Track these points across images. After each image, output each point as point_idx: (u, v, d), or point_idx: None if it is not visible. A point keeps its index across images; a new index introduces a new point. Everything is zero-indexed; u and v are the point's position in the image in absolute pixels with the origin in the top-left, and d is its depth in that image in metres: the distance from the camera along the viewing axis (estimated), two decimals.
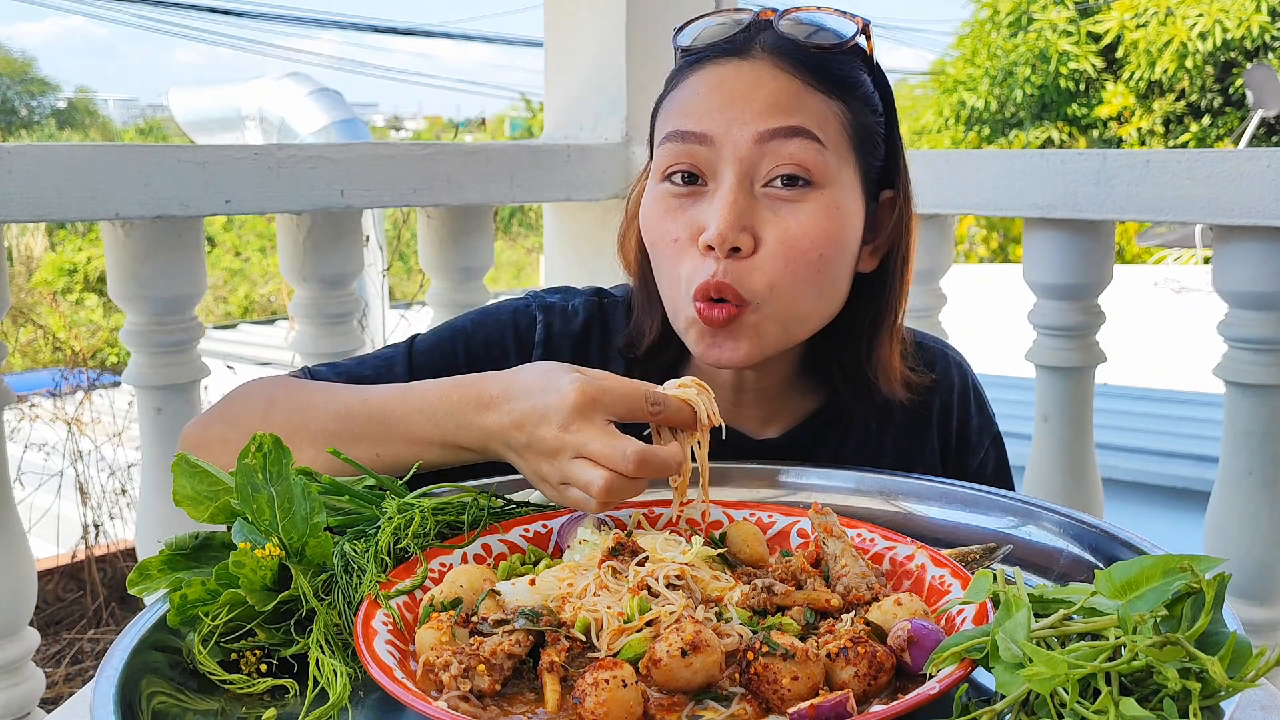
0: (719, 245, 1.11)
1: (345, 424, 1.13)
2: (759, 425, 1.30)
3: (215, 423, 1.21)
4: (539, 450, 1.00)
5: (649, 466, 0.95)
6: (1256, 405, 1.93)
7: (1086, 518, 1.04)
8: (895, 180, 1.23)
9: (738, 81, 1.14)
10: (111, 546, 4.11)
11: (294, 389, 1.21)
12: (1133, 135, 17.31)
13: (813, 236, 1.13)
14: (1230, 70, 16.74)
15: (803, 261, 1.13)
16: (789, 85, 1.14)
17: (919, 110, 19.93)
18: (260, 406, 1.19)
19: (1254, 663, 0.67)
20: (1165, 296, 8.80)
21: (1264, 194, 1.78)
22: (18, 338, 7.32)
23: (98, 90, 72.03)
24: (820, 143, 1.13)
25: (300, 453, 1.10)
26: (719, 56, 1.17)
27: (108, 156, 1.71)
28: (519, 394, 1.03)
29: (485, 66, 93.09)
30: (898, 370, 1.27)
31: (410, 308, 5.08)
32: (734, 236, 1.11)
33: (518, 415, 1.02)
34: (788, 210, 1.13)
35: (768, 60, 1.15)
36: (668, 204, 1.17)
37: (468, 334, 1.31)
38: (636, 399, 0.98)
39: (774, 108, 1.12)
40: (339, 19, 76.35)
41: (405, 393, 1.14)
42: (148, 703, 0.78)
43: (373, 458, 1.11)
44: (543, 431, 0.99)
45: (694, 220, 1.14)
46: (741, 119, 1.12)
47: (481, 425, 1.05)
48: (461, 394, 1.08)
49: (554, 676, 0.76)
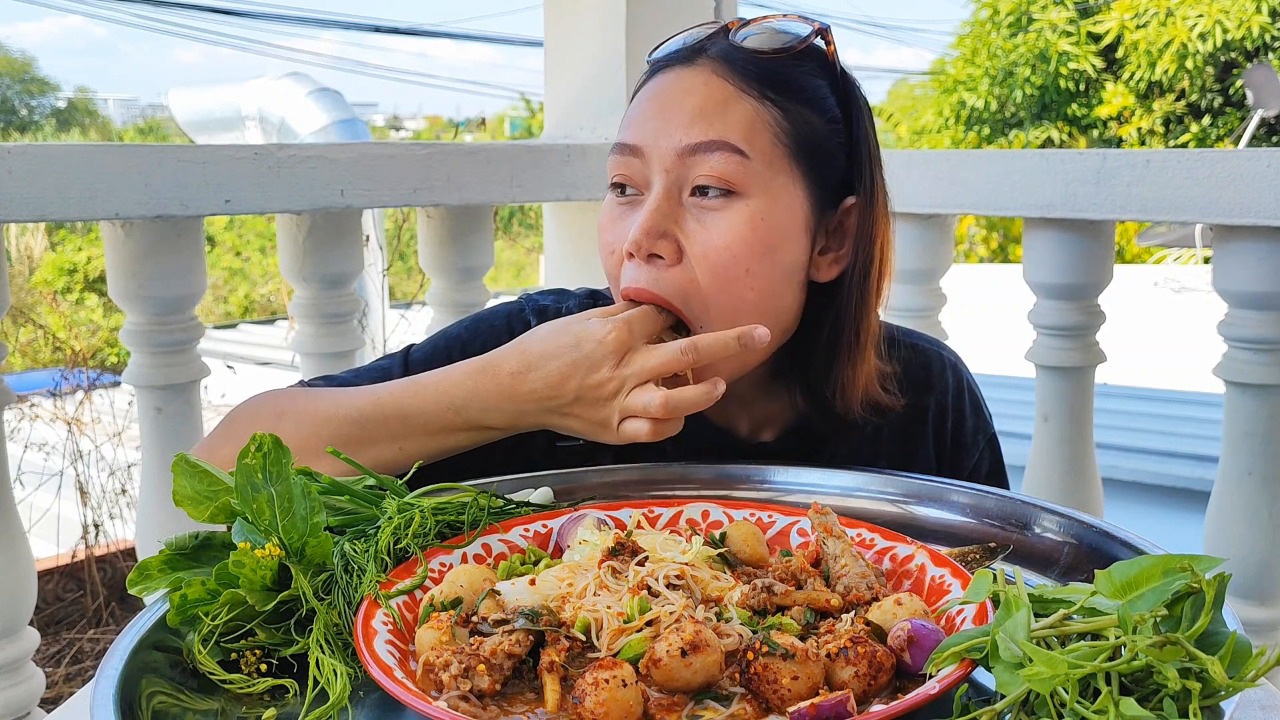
0: (636, 251, 1.12)
1: (361, 428, 1.13)
2: (752, 431, 1.30)
3: (223, 443, 1.18)
4: (596, 398, 1.05)
5: (702, 350, 1.06)
6: (1256, 405, 1.93)
7: (1086, 518, 1.04)
8: (856, 187, 1.19)
9: (669, 90, 1.15)
10: (111, 546, 4.11)
11: (300, 399, 1.20)
12: (1133, 135, 17.31)
13: (735, 247, 1.12)
14: (1230, 70, 16.74)
15: (730, 273, 1.12)
16: (719, 93, 1.13)
17: (919, 110, 19.93)
18: (268, 420, 1.17)
19: (1254, 663, 0.67)
20: (1165, 296, 8.80)
21: (1264, 194, 1.78)
22: (18, 338, 7.31)
23: (98, 90, 72.09)
24: (743, 154, 1.11)
25: (318, 464, 1.07)
26: (668, 67, 1.18)
27: (108, 156, 1.71)
28: (542, 359, 1.08)
29: (485, 66, 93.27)
30: (859, 391, 1.22)
31: (410, 308, 5.07)
32: (650, 243, 1.11)
33: (555, 376, 1.07)
34: (711, 219, 1.12)
35: (706, 68, 1.15)
36: (611, 214, 1.18)
37: (464, 340, 1.30)
38: (649, 312, 1.07)
39: (698, 118, 1.12)
40: (339, 19, 76.30)
41: (416, 386, 1.14)
42: (148, 703, 0.78)
43: (395, 453, 1.13)
44: (597, 378, 1.05)
45: (626, 230, 1.15)
46: (667, 130, 1.13)
47: (512, 401, 1.09)
48: (478, 379, 1.11)
49: (554, 676, 0.76)
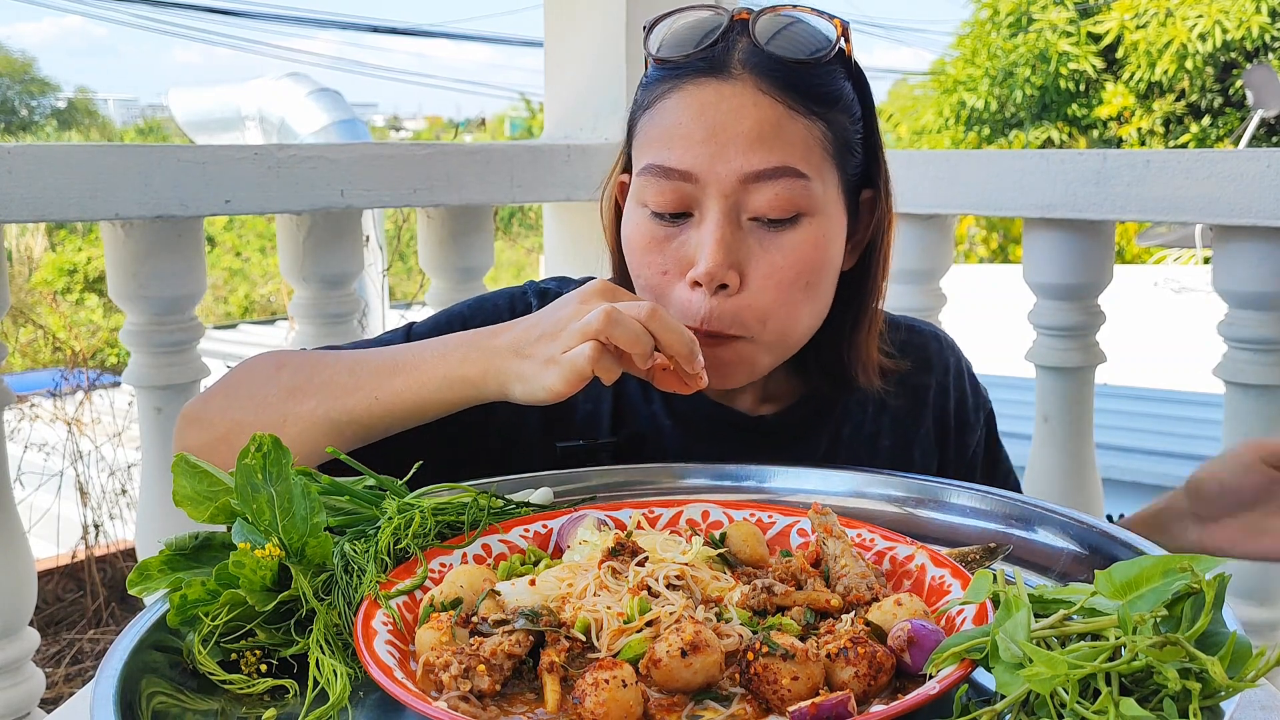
0: (707, 284, 1.11)
1: (353, 374, 1.14)
2: (754, 405, 1.31)
3: (217, 395, 1.22)
4: (554, 332, 1.03)
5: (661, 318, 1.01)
6: (1256, 405, 1.93)
7: (1086, 518, 1.04)
8: (875, 179, 1.22)
9: (719, 111, 1.11)
10: (111, 546, 4.11)
11: (301, 354, 1.24)
12: (1133, 135, 17.31)
13: (799, 268, 1.13)
14: (1230, 71, 16.74)
15: (790, 291, 1.13)
16: (771, 114, 1.11)
17: (919, 110, 19.92)
18: (268, 370, 1.21)
19: (1254, 663, 0.67)
20: (1165, 296, 8.80)
21: (1264, 194, 1.78)
22: (18, 338, 7.31)
23: (98, 90, 72.00)
24: (805, 177, 1.12)
25: (301, 404, 1.13)
26: (697, 75, 1.13)
27: (108, 156, 1.71)
28: (534, 316, 1.09)
29: (485, 66, 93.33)
30: (875, 360, 1.28)
31: (410, 308, 5.08)
32: (723, 274, 1.11)
33: (532, 319, 1.07)
34: (774, 244, 1.12)
35: (749, 83, 1.11)
36: (653, 234, 1.15)
37: (465, 318, 1.32)
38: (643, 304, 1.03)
39: (757, 143, 1.10)
40: (338, 19, 76.39)
41: (411, 342, 1.17)
42: (148, 703, 0.78)
43: (371, 403, 1.12)
44: (561, 311, 1.04)
45: (681, 253, 1.14)
46: (725, 156, 1.10)
47: (491, 344, 1.08)
48: (476, 330, 1.13)
49: (554, 676, 0.76)
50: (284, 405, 1.15)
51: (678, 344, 1.02)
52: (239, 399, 1.21)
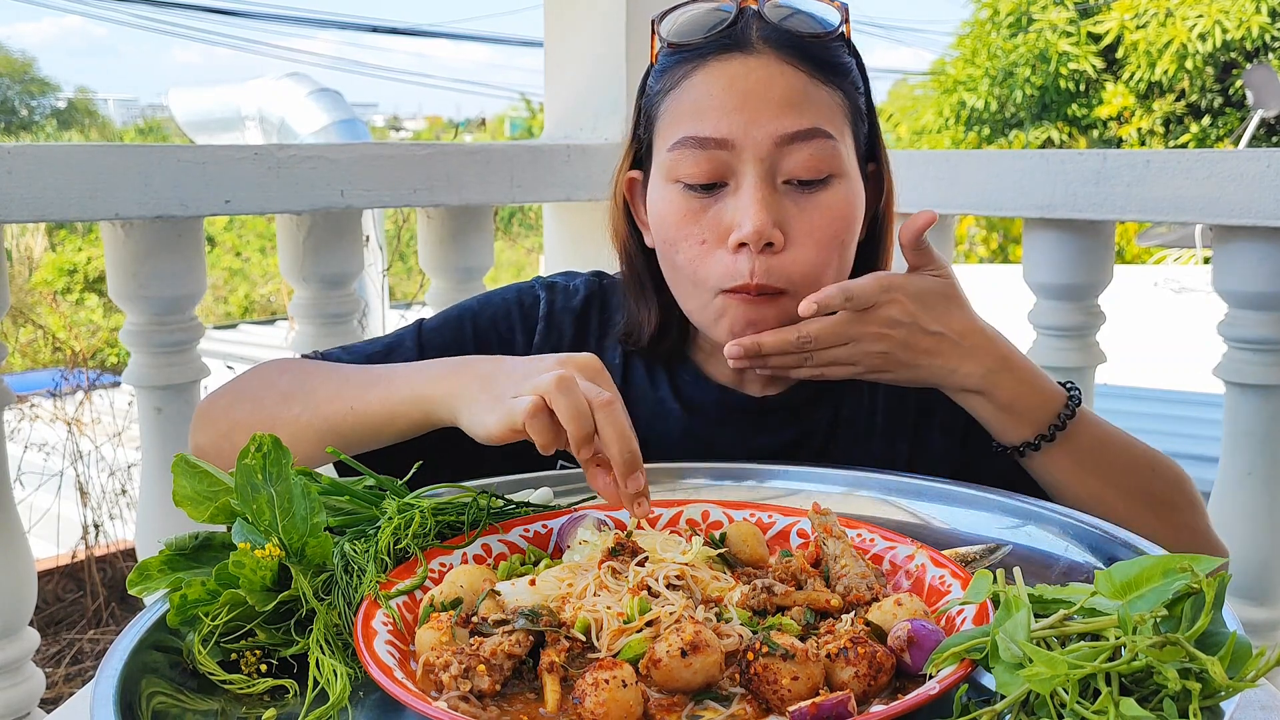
0: (754, 242, 1.14)
1: (340, 384, 1.17)
2: (761, 387, 1.32)
3: (225, 394, 1.27)
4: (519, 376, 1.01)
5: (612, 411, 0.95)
6: (1256, 405, 1.93)
7: (1086, 518, 1.04)
8: (877, 153, 1.28)
9: (748, 80, 1.16)
10: (111, 546, 4.11)
11: (310, 362, 1.27)
12: (1133, 135, 17.30)
13: (835, 226, 1.18)
14: (1230, 71, 16.74)
15: (829, 249, 1.18)
16: (798, 81, 1.16)
17: (919, 110, 19.92)
18: (273, 374, 1.25)
19: (1254, 663, 0.67)
20: (1165, 296, 8.79)
21: (1264, 194, 1.78)
22: (18, 338, 7.31)
23: (97, 90, 72.11)
24: (833, 138, 1.17)
25: (290, 409, 1.17)
26: (720, 52, 1.17)
27: (108, 156, 1.71)
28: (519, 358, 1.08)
29: (484, 66, 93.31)
30: None
31: (410, 308, 5.08)
32: (769, 232, 1.14)
33: (515, 360, 1.07)
34: (810, 203, 1.17)
35: (772, 54, 1.16)
36: (688, 206, 1.18)
37: (474, 312, 1.35)
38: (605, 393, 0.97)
39: (788, 107, 1.15)
40: (338, 19, 76.39)
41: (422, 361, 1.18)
42: (148, 703, 0.78)
43: (346, 413, 1.14)
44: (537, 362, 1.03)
45: (719, 220, 1.17)
46: (758, 120, 1.15)
47: (468, 369, 1.08)
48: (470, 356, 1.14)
49: (554, 676, 0.76)
50: (276, 409, 1.19)
51: (616, 444, 0.95)
52: (241, 400, 1.24)
